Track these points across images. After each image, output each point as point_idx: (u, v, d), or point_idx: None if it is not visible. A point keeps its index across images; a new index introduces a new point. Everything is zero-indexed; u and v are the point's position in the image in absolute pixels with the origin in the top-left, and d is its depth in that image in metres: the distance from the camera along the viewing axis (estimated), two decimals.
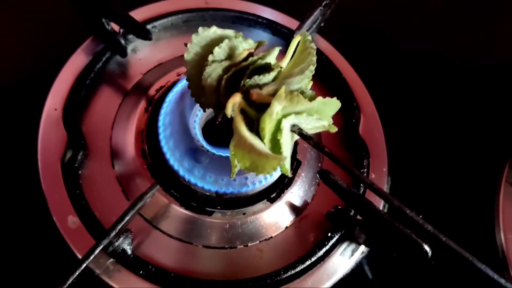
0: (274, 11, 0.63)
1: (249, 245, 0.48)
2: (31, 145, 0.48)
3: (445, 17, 0.73)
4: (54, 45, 0.57)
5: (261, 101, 0.37)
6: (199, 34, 0.41)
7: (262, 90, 0.37)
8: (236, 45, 0.41)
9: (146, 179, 0.48)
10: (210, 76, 0.39)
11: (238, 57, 0.40)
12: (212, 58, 0.39)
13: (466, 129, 0.62)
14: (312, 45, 0.40)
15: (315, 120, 0.38)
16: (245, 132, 0.36)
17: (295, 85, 0.38)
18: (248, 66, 0.39)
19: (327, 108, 0.39)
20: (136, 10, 0.58)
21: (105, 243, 0.39)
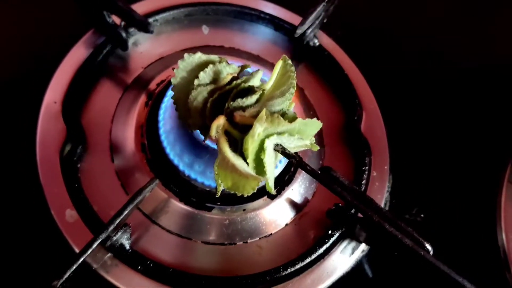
0: (277, 7, 0.63)
1: (249, 241, 0.48)
2: (30, 138, 0.47)
3: (447, 15, 0.73)
4: (54, 37, 0.56)
5: (244, 123, 0.39)
6: (184, 59, 0.43)
7: (245, 112, 0.39)
8: (220, 69, 0.42)
9: (145, 174, 0.47)
10: (196, 99, 0.41)
11: (222, 81, 0.42)
12: (197, 82, 0.41)
13: (469, 127, 0.61)
14: (292, 69, 0.41)
15: (297, 140, 0.40)
16: (228, 153, 0.38)
17: (276, 106, 0.40)
18: (232, 89, 0.41)
19: (308, 128, 0.40)
20: (138, 4, 0.58)
21: (103, 237, 0.39)
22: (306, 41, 0.59)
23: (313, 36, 0.59)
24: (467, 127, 0.61)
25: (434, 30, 0.70)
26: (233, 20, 0.61)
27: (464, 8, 0.75)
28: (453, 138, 0.60)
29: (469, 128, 0.61)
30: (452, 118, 0.61)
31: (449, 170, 0.58)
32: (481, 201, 0.55)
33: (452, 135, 0.60)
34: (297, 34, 0.55)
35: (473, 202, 0.55)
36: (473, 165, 0.58)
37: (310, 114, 0.56)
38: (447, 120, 0.61)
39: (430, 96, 0.63)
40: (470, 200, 0.55)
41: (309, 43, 0.59)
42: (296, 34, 0.55)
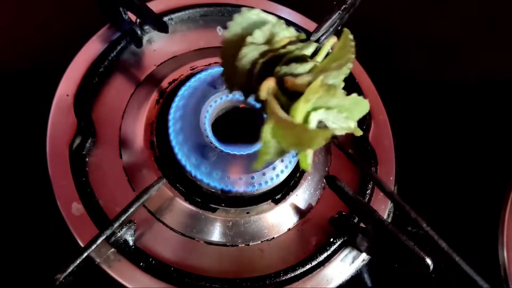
0: (292, 11, 0.63)
1: (251, 244, 0.48)
2: (40, 129, 0.48)
3: (464, 28, 0.72)
4: (70, 30, 0.57)
5: (295, 89, 0.36)
6: (241, 14, 0.40)
7: (296, 79, 0.36)
8: (277, 31, 0.39)
9: (152, 171, 0.48)
10: (246, 57, 0.38)
11: (277, 43, 0.39)
12: (250, 40, 0.38)
13: (475, 143, 0.61)
14: (352, 44, 0.38)
15: (343, 119, 0.37)
16: (283, 113, 0.35)
17: (330, 79, 0.37)
18: (286, 54, 0.38)
19: (357, 108, 0.38)
20: (155, 1, 0.58)
21: (107, 233, 0.39)
22: (319, 48, 0.59)
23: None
24: (473, 142, 0.61)
25: (449, 42, 0.70)
26: None
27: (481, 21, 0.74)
28: (460, 152, 0.60)
29: (475, 143, 0.61)
30: (460, 133, 0.62)
31: (454, 184, 0.58)
32: (485, 217, 0.55)
33: (459, 149, 0.60)
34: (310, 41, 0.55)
35: (476, 218, 0.55)
36: (478, 181, 0.58)
37: None
38: (455, 135, 0.61)
39: (440, 109, 0.63)
40: (474, 216, 0.55)
41: None
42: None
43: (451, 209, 0.56)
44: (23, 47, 0.55)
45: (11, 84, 0.53)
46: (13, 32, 0.57)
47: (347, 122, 0.38)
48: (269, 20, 0.40)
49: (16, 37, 0.56)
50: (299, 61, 0.38)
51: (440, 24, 0.72)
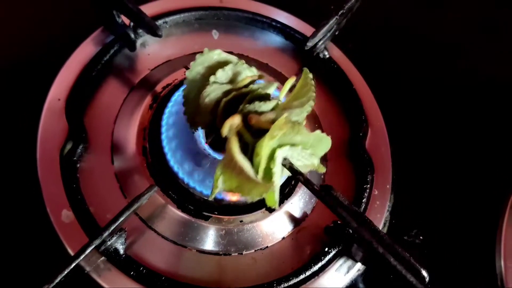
0: (289, 15, 0.62)
1: (244, 253, 0.47)
2: (31, 134, 0.47)
3: (463, 33, 0.72)
4: (63, 32, 0.56)
5: (259, 126, 0.38)
6: (203, 54, 0.42)
7: (261, 117, 0.38)
8: (239, 70, 0.42)
9: (144, 178, 0.47)
10: (209, 96, 0.40)
11: (240, 83, 0.41)
12: (213, 79, 0.40)
13: (474, 150, 0.60)
14: (312, 82, 0.41)
15: (307, 156, 0.39)
16: (238, 154, 0.37)
17: (294, 116, 0.39)
18: (248, 92, 0.40)
19: (321, 145, 0.40)
20: (150, 4, 0.57)
21: (97, 243, 0.38)
22: (316, 53, 0.58)
23: (323, 48, 0.58)
24: (472, 149, 0.61)
25: (447, 49, 0.70)
26: (244, 26, 0.61)
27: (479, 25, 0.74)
28: (458, 159, 0.60)
29: (474, 150, 0.60)
30: (459, 141, 0.61)
31: (452, 193, 0.57)
32: (482, 227, 0.54)
33: (456, 156, 0.60)
34: (307, 46, 0.55)
35: (473, 228, 0.55)
36: (476, 191, 0.57)
37: (315, 126, 0.56)
38: (453, 143, 0.61)
39: (438, 117, 0.62)
40: (471, 225, 0.55)
41: (319, 55, 0.59)
42: (306, 46, 0.55)
43: (448, 217, 0.55)
44: (14, 50, 0.55)
45: (2, 87, 0.52)
46: (5, 34, 0.56)
47: (311, 159, 0.40)
48: (231, 60, 0.42)
49: (7, 40, 0.55)
50: (262, 100, 0.40)
51: (438, 28, 0.72)
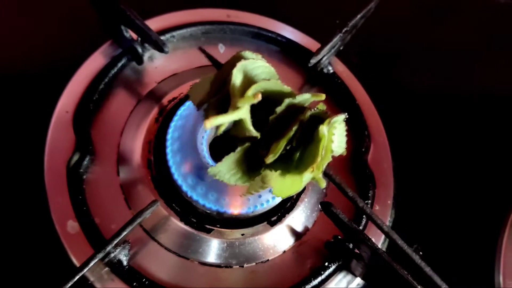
0: (295, 30, 0.63)
1: (245, 266, 0.48)
2: (39, 145, 0.48)
3: (469, 47, 0.72)
4: (71, 45, 0.57)
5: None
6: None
7: None
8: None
9: (149, 190, 0.48)
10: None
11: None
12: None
13: (474, 168, 0.61)
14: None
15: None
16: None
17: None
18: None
19: None
20: (157, 18, 0.58)
21: (101, 256, 0.39)
22: (320, 68, 0.59)
23: (327, 63, 0.59)
24: (473, 169, 0.61)
25: (452, 64, 0.70)
26: (249, 41, 0.61)
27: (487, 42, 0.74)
28: (459, 179, 0.60)
29: (475, 169, 0.61)
30: (460, 159, 0.61)
31: (452, 209, 0.57)
32: (482, 244, 0.55)
33: (458, 176, 0.60)
34: (311, 63, 0.55)
35: (473, 244, 0.55)
36: (477, 207, 0.57)
37: None
38: (455, 160, 0.61)
39: (442, 133, 0.63)
40: (471, 242, 0.55)
41: (323, 70, 0.59)
42: (310, 63, 0.55)
43: (448, 233, 0.56)
44: (24, 62, 0.56)
45: (10, 99, 0.53)
46: (15, 46, 0.57)
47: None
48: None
49: (17, 52, 0.57)
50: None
51: (443, 43, 0.72)
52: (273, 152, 0.36)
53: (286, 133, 0.36)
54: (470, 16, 0.76)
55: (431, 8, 0.75)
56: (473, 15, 0.76)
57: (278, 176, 0.37)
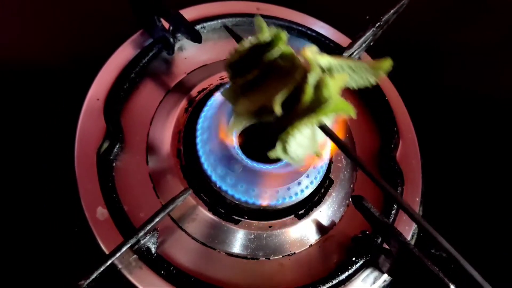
0: (325, 25, 0.63)
1: (272, 258, 0.48)
2: (70, 132, 0.49)
3: (497, 49, 0.71)
4: (103, 34, 0.57)
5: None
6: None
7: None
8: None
9: (178, 179, 0.48)
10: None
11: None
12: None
13: (507, 167, 0.60)
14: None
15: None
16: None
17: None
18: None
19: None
20: (188, 9, 0.58)
21: (132, 242, 0.39)
22: None
23: (357, 58, 0.59)
24: (505, 167, 0.60)
25: (481, 63, 0.69)
26: None
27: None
28: (488, 177, 0.59)
29: (507, 167, 0.60)
30: (490, 157, 0.60)
31: (481, 207, 0.57)
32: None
33: (488, 174, 0.59)
34: None
35: (502, 243, 0.54)
36: (506, 205, 0.57)
37: (346, 136, 0.56)
38: (485, 159, 0.60)
39: (470, 131, 0.62)
40: (500, 241, 0.54)
41: None
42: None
43: (477, 232, 0.55)
44: (56, 50, 0.56)
45: (43, 86, 0.53)
46: (47, 34, 0.57)
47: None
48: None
49: (50, 40, 0.57)
50: None
51: (478, 46, 0.71)
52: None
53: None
54: (501, 16, 0.75)
55: (462, 6, 0.75)
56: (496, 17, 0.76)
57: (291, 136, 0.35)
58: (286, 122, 0.35)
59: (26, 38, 0.57)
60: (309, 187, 0.48)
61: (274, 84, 0.35)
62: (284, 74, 0.36)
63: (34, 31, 0.58)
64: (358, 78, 0.38)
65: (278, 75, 0.36)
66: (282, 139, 0.35)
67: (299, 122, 0.34)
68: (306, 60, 0.36)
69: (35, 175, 0.48)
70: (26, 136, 0.50)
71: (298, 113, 0.34)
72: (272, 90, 0.35)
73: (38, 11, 0.59)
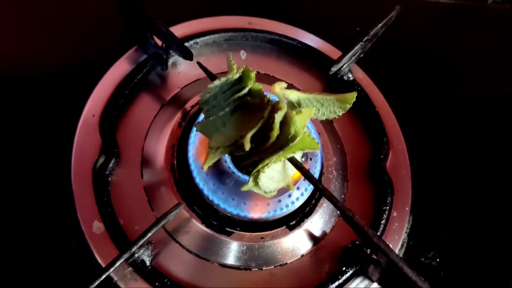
0: (315, 38, 0.64)
1: (264, 269, 0.49)
2: (66, 147, 0.50)
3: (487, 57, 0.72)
4: (99, 50, 0.59)
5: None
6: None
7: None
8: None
9: (171, 193, 0.49)
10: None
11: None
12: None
13: (495, 176, 0.61)
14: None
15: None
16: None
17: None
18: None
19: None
20: (181, 25, 0.60)
21: (126, 256, 0.41)
22: (341, 75, 0.60)
23: (347, 70, 0.60)
24: (492, 176, 0.61)
25: (470, 71, 0.70)
26: (271, 47, 0.63)
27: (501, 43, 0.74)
28: (476, 186, 0.60)
29: (494, 177, 0.61)
30: (479, 166, 0.61)
31: (470, 215, 0.57)
32: (500, 252, 0.55)
33: (476, 183, 0.60)
34: (331, 71, 0.56)
35: (491, 252, 0.55)
36: (495, 213, 0.57)
37: (337, 147, 0.57)
38: (473, 168, 0.61)
39: (459, 140, 0.63)
40: (489, 249, 0.55)
41: (343, 77, 0.60)
42: (331, 71, 0.56)
43: (466, 240, 0.56)
44: (52, 68, 0.57)
45: (40, 103, 0.54)
46: (42, 53, 0.59)
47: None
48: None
49: (46, 58, 0.58)
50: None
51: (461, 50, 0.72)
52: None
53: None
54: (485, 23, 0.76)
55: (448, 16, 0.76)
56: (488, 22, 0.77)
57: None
58: (258, 157, 0.37)
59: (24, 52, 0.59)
60: (299, 199, 0.49)
61: (246, 119, 0.37)
62: (253, 110, 0.37)
63: (32, 46, 0.59)
64: (326, 111, 0.41)
65: (248, 111, 0.38)
66: (253, 175, 0.38)
67: (269, 159, 0.36)
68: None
69: (32, 190, 0.49)
70: (23, 153, 0.51)
71: (267, 149, 0.36)
72: (243, 126, 0.37)
73: (34, 26, 0.60)
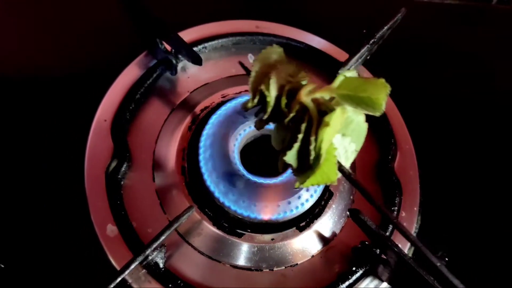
0: (322, 40, 0.65)
1: (275, 269, 0.50)
2: (79, 152, 0.51)
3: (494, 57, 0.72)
4: (110, 56, 0.60)
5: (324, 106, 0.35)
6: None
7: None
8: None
9: (183, 196, 0.50)
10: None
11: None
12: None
13: (504, 176, 0.61)
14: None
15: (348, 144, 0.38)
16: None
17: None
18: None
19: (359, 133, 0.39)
20: (189, 30, 0.60)
21: (140, 259, 0.41)
22: None
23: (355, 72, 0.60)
24: (502, 176, 0.61)
25: (479, 71, 0.71)
26: None
27: None
28: (485, 186, 0.60)
29: (504, 177, 0.61)
30: (488, 166, 0.61)
31: (479, 216, 0.58)
32: (509, 253, 0.55)
33: (484, 183, 0.60)
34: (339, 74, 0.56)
35: (500, 251, 0.55)
36: (503, 213, 0.58)
37: None
38: (482, 167, 0.61)
39: (467, 140, 0.63)
40: (498, 249, 0.55)
41: None
42: (338, 74, 0.57)
43: (475, 240, 0.56)
44: (64, 74, 0.58)
45: (53, 109, 0.56)
46: (56, 58, 0.60)
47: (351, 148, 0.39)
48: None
49: (59, 64, 0.60)
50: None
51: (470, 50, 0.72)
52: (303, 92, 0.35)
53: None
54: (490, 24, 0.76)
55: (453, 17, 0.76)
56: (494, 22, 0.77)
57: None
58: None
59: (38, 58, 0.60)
60: (309, 200, 0.50)
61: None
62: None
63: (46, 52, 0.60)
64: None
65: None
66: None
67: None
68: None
69: (47, 195, 0.51)
70: (37, 158, 0.53)
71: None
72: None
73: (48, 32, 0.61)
